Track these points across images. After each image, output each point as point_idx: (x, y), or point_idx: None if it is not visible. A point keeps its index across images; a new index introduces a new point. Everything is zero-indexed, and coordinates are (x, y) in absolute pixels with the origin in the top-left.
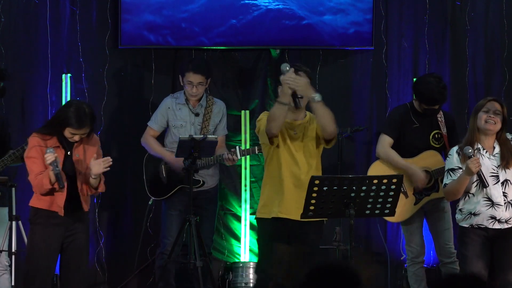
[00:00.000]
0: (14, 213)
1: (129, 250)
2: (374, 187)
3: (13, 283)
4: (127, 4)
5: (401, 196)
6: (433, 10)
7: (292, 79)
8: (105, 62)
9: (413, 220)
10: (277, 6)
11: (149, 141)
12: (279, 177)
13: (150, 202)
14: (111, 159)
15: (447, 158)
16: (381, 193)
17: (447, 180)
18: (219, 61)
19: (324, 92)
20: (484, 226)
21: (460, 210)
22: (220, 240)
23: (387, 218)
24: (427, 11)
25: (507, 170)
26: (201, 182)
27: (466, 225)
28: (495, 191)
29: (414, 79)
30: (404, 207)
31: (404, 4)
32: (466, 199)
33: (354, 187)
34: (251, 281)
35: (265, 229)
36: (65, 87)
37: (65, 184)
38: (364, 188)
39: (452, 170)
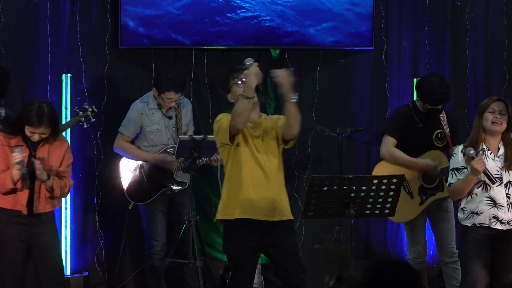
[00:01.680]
0: None
1: (129, 250)
2: (374, 187)
3: None
4: (127, 4)
5: (407, 196)
6: (433, 10)
7: (285, 75)
8: (105, 62)
9: (417, 220)
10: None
11: (125, 146)
12: (239, 177)
13: (129, 207)
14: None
15: (452, 158)
16: (381, 193)
17: (452, 179)
18: (219, 61)
19: (324, 92)
20: (486, 225)
21: (462, 209)
22: (220, 240)
23: (391, 218)
24: (427, 11)
25: (511, 172)
26: (187, 184)
27: (468, 224)
28: (498, 192)
29: (415, 79)
30: (409, 208)
31: (404, 4)
32: (468, 198)
33: (354, 187)
34: None
35: (230, 230)
36: (65, 87)
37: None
38: (364, 188)
39: (457, 169)
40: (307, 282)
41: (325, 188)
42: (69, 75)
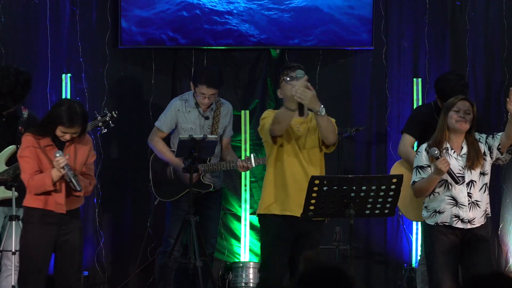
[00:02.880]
0: (14, 213)
1: (129, 250)
2: (374, 187)
3: (13, 283)
4: (127, 4)
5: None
6: (433, 10)
7: (300, 92)
8: (105, 62)
9: None
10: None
11: (158, 144)
12: (282, 176)
13: (156, 203)
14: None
15: (416, 155)
16: (381, 193)
17: (415, 177)
18: (219, 61)
19: (324, 92)
20: (448, 224)
21: (425, 207)
22: (220, 240)
23: (408, 217)
24: (427, 11)
25: (473, 171)
26: (212, 187)
27: (431, 223)
28: (460, 192)
29: (415, 79)
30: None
31: (404, 4)
32: (431, 197)
33: (354, 187)
34: (251, 281)
35: (269, 226)
36: (65, 87)
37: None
38: (364, 188)
39: (421, 167)
40: None
41: (325, 188)
42: (69, 75)
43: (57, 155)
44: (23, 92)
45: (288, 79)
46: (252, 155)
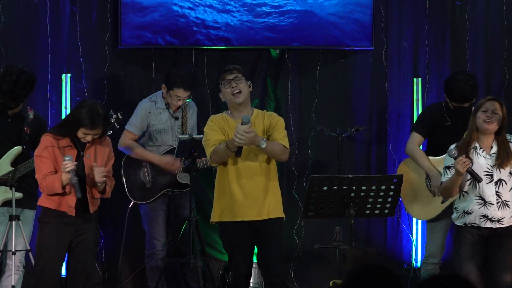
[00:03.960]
0: (13, 213)
1: (129, 250)
2: (374, 187)
3: (13, 283)
4: (127, 4)
5: (429, 195)
6: (433, 10)
7: (239, 137)
8: (105, 62)
9: (438, 220)
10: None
11: (130, 144)
12: (229, 187)
13: (130, 206)
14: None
15: (446, 156)
16: (381, 193)
17: (443, 177)
18: (219, 61)
19: (324, 92)
20: (476, 225)
21: (455, 208)
22: (220, 240)
23: (414, 215)
24: (427, 11)
25: (502, 170)
26: (188, 186)
27: (460, 224)
28: (488, 190)
29: (415, 79)
30: (430, 206)
31: (404, 4)
32: (460, 197)
33: (354, 187)
34: (251, 281)
35: (225, 232)
36: (65, 87)
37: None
38: (364, 188)
39: (449, 167)
40: (307, 282)
41: (325, 188)
42: (69, 75)
43: (66, 159)
44: (23, 92)
45: (225, 81)
46: None
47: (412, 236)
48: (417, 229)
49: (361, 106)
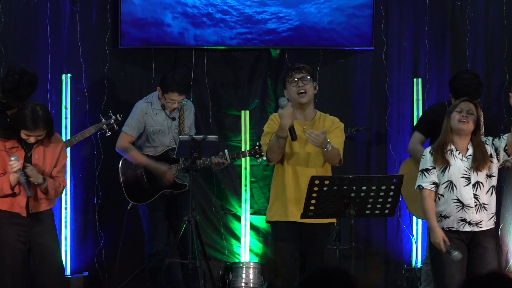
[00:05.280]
0: None
1: (129, 250)
2: (374, 187)
3: None
4: (127, 4)
5: None
6: (433, 10)
7: (314, 137)
8: (105, 62)
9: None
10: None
11: (126, 147)
12: (283, 187)
13: (128, 207)
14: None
15: (422, 159)
16: (381, 193)
17: (420, 181)
18: (219, 61)
19: (324, 92)
20: (455, 229)
21: None
22: (220, 240)
23: (414, 214)
24: (427, 11)
25: (479, 173)
26: (187, 186)
27: None
28: (466, 193)
29: (415, 79)
30: None
31: (404, 4)
32: (438, 201)
33: (354, 187)
34: (251, 281)
35: (276, 231)
36: (65, 87)
37: (31, 192)
38: (364, 188)
39: (426, 170)
40: None
41: (325, 188)
42: (69, 75)
43: (12, 159)
44: (25, 91)
45: (293, 79)
46: (226, 151)
47: (412, 236)
48: (417, 229)
49: (361, 106)
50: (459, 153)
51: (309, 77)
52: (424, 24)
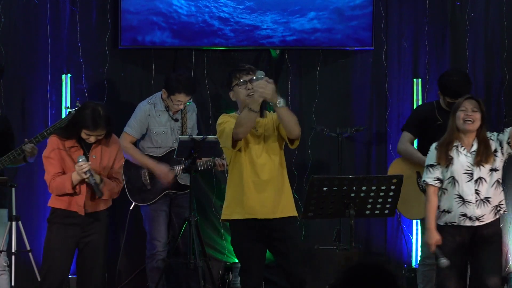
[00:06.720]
0: (14, 213)
1: (129, 251)
2: (374, 187)
3: (13, 283)
4: (127, 4)
5: (420, 194)
6: (433, 10)
7: (263, 86)
8: (105, 62)
9: None
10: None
11: (128, 148)
12: (241, 181)
13: (131, 208)
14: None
15: (428, 155)
16: (381, 193)
17: (425, 176)
18: (219, 61)
19: (324, 92)
20: (456, 224)
21: (438, 207)
22: (220, 240)
23: (405, 215)
24: (427, 11)
25: (482, 168)
26: (189, 187)
27: (441, 223)
28: (467, 189)
29: (415, 79)
30: (422, 206)
31: (404, 4)
32: (441, 195)
33: (354, 187)
34: None
35: (235, 231)
36: (65, 88)
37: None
38: (364, 188)
39: (431, 166)
40: (307, 282)
41: (325, 189)
42: (69, 75)
43: (80, 160)
44: None
45: (242, 81)
46: None
47: (411, 236)
48: (416, 229)
49: (361, 106)
50: (464, 149)
51: (255, 77)
52: (424, 24)
